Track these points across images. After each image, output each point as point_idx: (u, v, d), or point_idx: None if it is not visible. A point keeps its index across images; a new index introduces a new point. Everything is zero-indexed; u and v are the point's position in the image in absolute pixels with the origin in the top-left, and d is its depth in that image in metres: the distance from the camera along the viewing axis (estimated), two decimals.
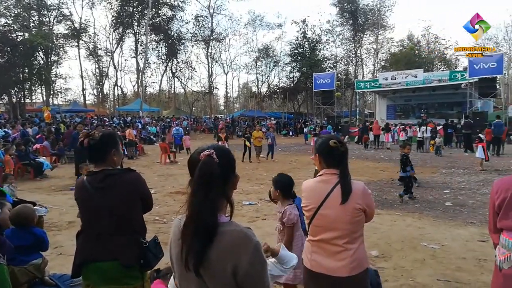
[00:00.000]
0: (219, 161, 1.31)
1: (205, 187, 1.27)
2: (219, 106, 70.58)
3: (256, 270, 1.27)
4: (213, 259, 1.25)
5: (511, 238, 2.11)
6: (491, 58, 23.68)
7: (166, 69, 46.61)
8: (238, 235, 1.28)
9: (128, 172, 2.41)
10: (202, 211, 1.26)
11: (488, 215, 2.34)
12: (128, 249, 2.25)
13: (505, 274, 2.12)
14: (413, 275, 4.31)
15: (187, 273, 1.29)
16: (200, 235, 1.25)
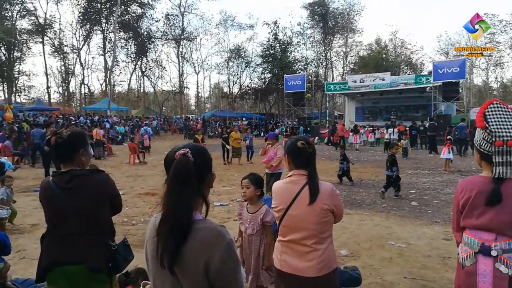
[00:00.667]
0: (194, 160, 1.32)
1: (180, 185, 1.28)
2: (190, 106, 69.93)
3: (228, 267, 1.27)
4: (186, 257, 1.26)
5: (473, 236, 2.19)
6: (454, 63, 24.67)
7: (135, 67, 45.72)
8: (211, 232, 1.28)
9: (96, 172, 2.34)
10: (177, 209, 1.27)
11: (451, 214, 2.43)
12: (96, 252, 2.17)
13: (467, 271, 2.20)
14: (381, 273, 4.41)
15: (162, 271, 1.28)
16: (175, 233, 1.25)
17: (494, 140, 2.10)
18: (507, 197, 2.06)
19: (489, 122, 2.15)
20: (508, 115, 2.18)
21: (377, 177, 12.10)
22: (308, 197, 2.20)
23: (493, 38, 43.36)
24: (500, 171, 2.09)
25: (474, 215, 2.18)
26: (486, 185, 2.15)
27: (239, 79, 49.68)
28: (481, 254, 2.13)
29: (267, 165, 7.45)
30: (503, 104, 2.24)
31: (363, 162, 16.43)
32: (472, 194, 2.18)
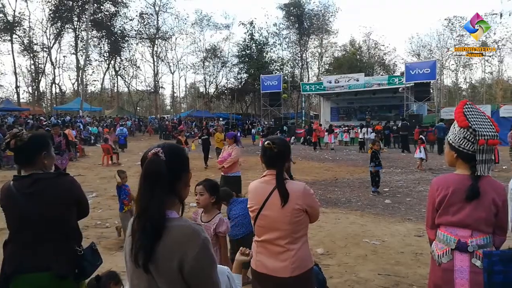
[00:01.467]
0: (167, 160, 1.33)
1: (151, 184, 1.29)
2: (166, 106, 69.06)
3: (203, 266, 1.27)
4: (160, 255, 1.25)
5: (449, 233, 2.23)
6: (426, 64, 25.38)
7: (108, 67, 44.76)
8: (186, 230, 1.28)
9: (60, 176, 2.25)
10: (149, 207, 1.28)
11: (424, 212, 2.49)
12: (61, 258, 2.09)
13: (444, 268, 2.22)
14: (356, 270, 4.47)
15: (138, 269, 1.29)
16: (148, 231, 1.26)
17: (477, 139, 2.15)
18: (484, 194, 2.12)
19: (471, 121, 2.21)
20: (481, 115, 2.26)
21: (352, 176, 12.30)
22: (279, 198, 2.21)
23: (462, 40, 44.84)
24: (482, 169, 2.16)
25: (451, 212, 2.22)
26: (462, 182, 2.19)
27: (215, 79, 49.46)
28: (458, 251, 2.17)
29: (219, 167, 7.04)
30: (473, 105, 2.31)
31: (338, 161, 16.66)
32: (449, 192, 2.22)
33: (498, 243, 2.16)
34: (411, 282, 4.11)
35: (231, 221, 4.06)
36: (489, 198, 2.11)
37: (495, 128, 2.21)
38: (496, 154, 11.82)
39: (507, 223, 2.20)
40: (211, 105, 52.29)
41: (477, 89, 51.68)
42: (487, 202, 2.11)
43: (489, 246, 2.14)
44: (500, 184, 2.19)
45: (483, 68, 48.18)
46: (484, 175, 2.17)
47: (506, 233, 2.18)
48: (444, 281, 2.21)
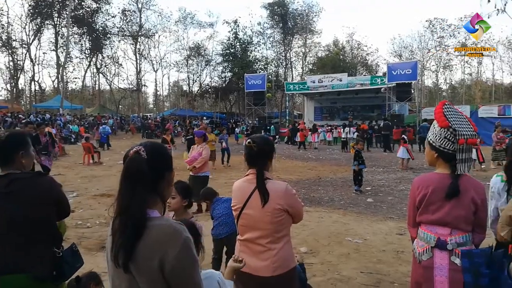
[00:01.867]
0: (148, 158, 1.31)
1: (132, 183, 1.28)
2: (148, 104, 68.29)
3: (184, 265, 1.25)
4: (141, 254, 1.24)
5: (429, 231, 2.27)
6: (407, 65, 25.80)
7: (90, 64, 43.97)
8: (167, 229, 1.27)
9: (39, 176, 2.19)
10: (129, 205, 1.26)
11: (405, 210, 2.53)
12: (38, 260, 2.03)
13: (424, 265, 2.27)
14: (339, 269, 4.51)
15: (118, 269, 1.27)
16: (128, 230, 1.24)
17: (457, 138, 2.19)
18: (463, 192, 2.16)
19: (451, 121, 2.25)
20: (459, 115, 2.30)
21: (335, 175, 12.41)
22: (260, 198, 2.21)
23: (442, 41, 45.75)
24: (462, 168, 2.20)
25: (430, 211, 2.26)
26: (442, 181, 2.24)
27: (199, 78, 49.15)
28: (437, 249, 2.21)
29: (189, 167, 6.92)
30: (451, 105, 2.36)
31: (321, 160, 16.79)
32: (429, 191, 2.26)
33: (478, 241, 2.21)
34: (392, 280, 4.17)
35: (215, 220, 4.04)
36: (469, 196, 2.15)
37: (473, 127, 2.26)
38: (480, 153, 12.16)
39: (486, 221, 2.25)
40: (194, 103, 51.97)
41: (457, 90, 52.87)
42: (466, 201, 2.15)
43: (469, 244, 2.18)
44: (479, 183, 2.24)
45: (463, 70, 49.33)
46: (464, 174, 2.22)
47: (485, 231, 2.23)
48: (425, 278, 2.25)
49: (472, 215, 2.17)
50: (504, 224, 1.90)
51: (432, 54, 47.21)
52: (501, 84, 50.31)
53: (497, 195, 2.33)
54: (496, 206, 2.32)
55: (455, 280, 2.13)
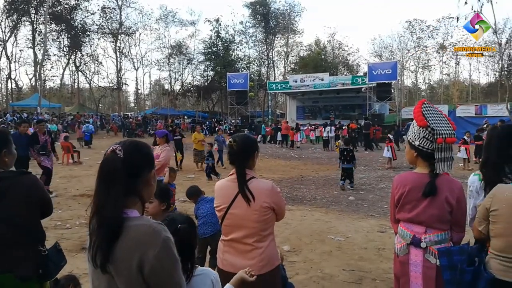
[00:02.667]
0: (125, 157, 1.28)
1: (107, 182, 1.25)
2: (129, 103, 67.37)
3: (164, 265, 1.23)
4: (119, 255, 1.21)
5: (406, 228, 2.33)
6: (387, 65, 26.23)
7: (68, 62, 43.02)
8: (146, 229, 1.24)
9: (23, 174, 2.15)
10: (105, 205, 1.24)
11: (386, 208, 2.58)
12: (24, 260, 2.01)
13: (401, 260, 2.35)
14: (321, 266, 4.55)
15: (96, 270, 1.25)
16: (104, 230, 1.22)
17: (435, 137, 2.24)
18: (438, 192, 2.21)
19: (429, 120, 2.29)
20: (438, 114, 2.35)
21: (317, 173, 12.51)
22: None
23: (420, 42, 46.67)
24: (441, 167, 2.24)
25: (407, 209, 2.32)
26: (419, 180, 2.28)
27: (181, 76, 48.77)
28: (413, 246, 2.27)
29: None
30: (430, 104, 2.40)
31: (304, 159, 16.90)
32: (406, 189, 2.31)
33: (456, 240, 2.25)
34: (374, 277, 4.23)
35: (199, 220, 4.03)
36: (442, 196, 2.19)
37: (452, 126, 2.31)
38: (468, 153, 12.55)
39: (464, 220, 2.29)
40: (176, 102, 51.53)
41: (435, 90, 53.97)
42: (440, 200, 2.19)
43: (445, 242, 2.22)
44: (457, 182, 2.28)
45: (441, 70, 50.38)
46: (442, 173, 2.26)
47: (463, 230, 2.27)
48: (402, 273, 2.33)
49: (447, 215, 2.21)
50: (481, 219, 1.96)
51: (411, 54, 48.12)
52: (477, 84, 51.61)
53: (475, 194, 2.38)
54: (475, 205, 2.37)
55: (428, 276, 2.20)
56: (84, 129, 21.24)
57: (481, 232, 1.98)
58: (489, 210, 1.89)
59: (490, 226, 1.91)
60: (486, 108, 23.99)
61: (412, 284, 2.27)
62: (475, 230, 2.06)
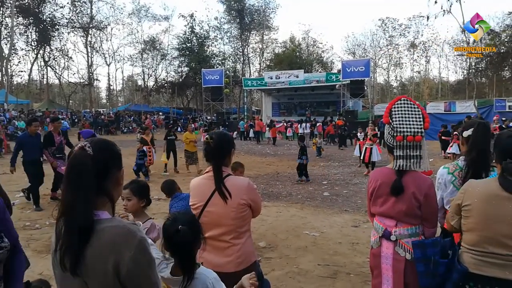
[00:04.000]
0: (94, 154, 1.23)
1: (76, 181, 1.20)
2: (101, 99, 65.77)
3: (141, 267, 1.20)
4: (92, 258, 1.17)
5: (379, 222, 2.39)
6: (360, 63, 26.67)
7: (37, 56, 41.51)
8: (120, 231, 1.20)
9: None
10: (73, 206, 1.19)
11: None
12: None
13: (373, 253, 2.43)
14: (297, 262, 4.59)
15: (65, 273, 1.20)
16: (72, 232, 1.17)
17: (395, 135, 2.29)
18: (406, 188, 2.27)
19: (393, 118, 2.34)
20: (412, 111, 2.37)
21: (293, 170, 12.57)
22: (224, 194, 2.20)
23: (393, 40, 47.70)
24: (400, 164, 2.29)
25: (379, 203, 2.38)
26: (389, 176, 2.34)
27: (155, 72, 47.93)
28: (384, 238, 2.33)
29: None
30: (410, 100, 2.43)
31: (279, 156, 16.99)
32: (378, 184, 2.38)
33: (428, 235, 2.30)
34: (348, 271, 4.30)
35: None
36: (409, 192, 2.25)
37: (425, 124, 2.34)
38: None
39: (435, 216, 2.34)
40: (150, 99, 50.69)
41: (407, 87, 55.25)
42: (407, 196, 2.25)
43: (415, 236, 2.27)
44: (425, 179, 2.32)
45: (412, 67, 51.69)
46: (411, 170, 2.30)
47: (434, 225, 2.33)
48: (374, 265, 2.41)
49: (416, 210, 2.26)
50: (453, 213, 2.01)
51: (384, 52, 49.15)
52: (446, 82, 53.25)
53: (443, 186, 2.46)
54: (442, 197, 2.46)
55: (398, 269, 2.27)
56: None
57: (453, 226, 2.04)
58: (461, 205, 1.95)
59: (462, 221, 1.96)
60: (455, 105, 24.81)
61: (384, 276, 2.33)
62: (448, 224, 2.12)
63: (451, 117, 22.00)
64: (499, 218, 1.81)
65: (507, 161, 1.80)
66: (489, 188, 1.88)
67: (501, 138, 1.94)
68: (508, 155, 1.82)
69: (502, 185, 1.83)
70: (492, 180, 1.93)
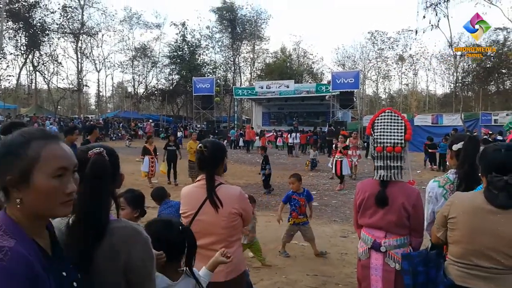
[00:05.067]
0: (109, 160, 1.31)
1: (98, 186, 1.25)
2: (90, 105, 65.19)
3: (146, 265, 1.30)
4: (102, 257, 1.24)
5: (368, 233, 2.41)
6: (350, 74, 27.02)
7: (25, 61, 41.05)
8: (130, 231, 1.30)
9: None
10: (96, 210, 1.24)
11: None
12: None
13: (362, 264, 2.43)
14: (286, 272, 4.59)
15: None
16: (92, 234, 1.23)
17: (375, 145, 2.34)
18: (394, 199, 2.29)
19: (375, 130, 2.38)
20: (395, 123, 2.41)
21: (282, 179, 12.59)
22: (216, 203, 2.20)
23: (382, 53, 48.41)
24: (381, 174, 2.33)
25: (367, 215, 2.40)
26: (375, 187, 2.37)
27: (145, 79, 47.76)
28: (373, 250, 2.34)
29: None
30: (395, 112, 2.47)
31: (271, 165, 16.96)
32: (365, 196, 2.40)
33: (415, 244, 2.34)
34: (337, 281, 4.31)
35: None
36: (399, 203, 2.27)
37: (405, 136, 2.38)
38: None
39: (421, 226, 2.38)
40: (140, 106, 50.41)
41: (395, 99, 55.95)
42: (396, 207, 2.28)
43: (404, 246, 2.31)
44: (413, 189, 2.36)
45: (400, 80, 52.44)
46: (397, 181, 2.34)
47: (421, 235, 2.36)
48: (363, 276, 2.40)
49: (405, 220, 2.29)
50: (439, 226, 2.03)
51: (373, 64, 49.83)
52: (434, 95, 54.09)
53: (434, 200, 2.47)
54: (433, 210, 2.47)
55: (387, 280, 2.28)
56: None
57: (439, 238, 2.05)
58: (448, 218, 1.96)
59: (449, 233, 1.96)
60: (442, 118, 25.20)
61: (373, 287, 2.34)
62: (433, 236, 2.13)
63: (438, 130, 22.31)
64: (484, 230, 1.83)
65: (492, 175, 1.82)
66: (475, 201, 1.90)
67: (487, 152, 1.95)
68: (493, 169, 1.83)
69: (487, 198, 1.85)
70: (477, 193, 1.95)
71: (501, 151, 1.87)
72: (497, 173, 1.80)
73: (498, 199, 1.81)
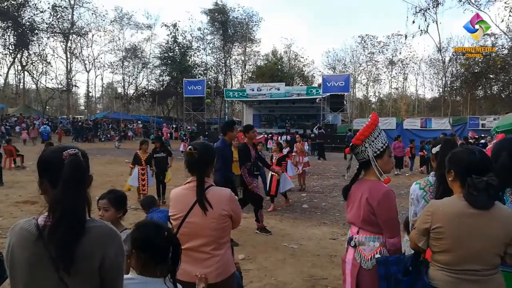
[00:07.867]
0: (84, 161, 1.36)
1: (77, 185, 1.30)
2: (79, 106, 64.55)
3: (119, 262, 1.37)
4: (81, 255, 1.27)
5: (351, 231, 2.44)
6: (340, 78, 27.26)
7: (14, 60, 40.55)
8: (105, 230, 1.36)
9: None
10: (76, 209, 1.28)
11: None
12: None
13: (343, 258, 2.49)
14: (275, 274, 4.59)
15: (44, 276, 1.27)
16: (73, 233, 1.26)
17: None
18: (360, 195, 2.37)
19: None
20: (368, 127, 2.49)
21: None
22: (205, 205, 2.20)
23: (372, 57, 48.87)
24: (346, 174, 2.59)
25: (348, 211, 2.53)
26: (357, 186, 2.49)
27: (135, 80, 47.58)
28: (349, 244, 2.42)
29: None
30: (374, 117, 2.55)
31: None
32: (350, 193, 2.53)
33: (390, 247, 2.29)
34: (326, 284, 4.33)
35: None
36: (363, 198, 2.33)
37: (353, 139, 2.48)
38: None
39: (391, 225, 2.31)
40: (129, 107, 50.09)
41: (385, 103, 56.50)
42: (362, 202, 2.33)
43: (373, 245, 2.28)
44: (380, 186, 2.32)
45: (390, 84, 52.99)
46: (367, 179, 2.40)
47: (393, 235, 2.29)
48: (343, 270, 2.47)
49: (371, 217, 2.28)
50: (419, 235, 2.01)
51: (363, 68, 50.25)
52: (423, 99, 54.71)
53: (416, 201, 2.54)
54: (415, 212, 2.52)
55: (352, 273, 2.32)
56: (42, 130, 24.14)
57: (420, 248, 2.03)
58: (430, 229, 1.94)
59: (433, 242, 1.93)
60: (431, 122, 25.52)
61: (346, 281, 2.38)
62: (413, 244, 2.09)
63: (427, 134, 22.58)
64: (473, 235, 1.83)
65: (472, 177, 1.82)
66: (457, 207, 1.88)
67: (462, 156, 1.95)
68: (472, 171, 1.84)
69: (468, 202, 1.85)
70: (455, 199, 1.93)
71: (475, 154, 1.91)
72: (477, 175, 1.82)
73: (479, 201, 1.82)
